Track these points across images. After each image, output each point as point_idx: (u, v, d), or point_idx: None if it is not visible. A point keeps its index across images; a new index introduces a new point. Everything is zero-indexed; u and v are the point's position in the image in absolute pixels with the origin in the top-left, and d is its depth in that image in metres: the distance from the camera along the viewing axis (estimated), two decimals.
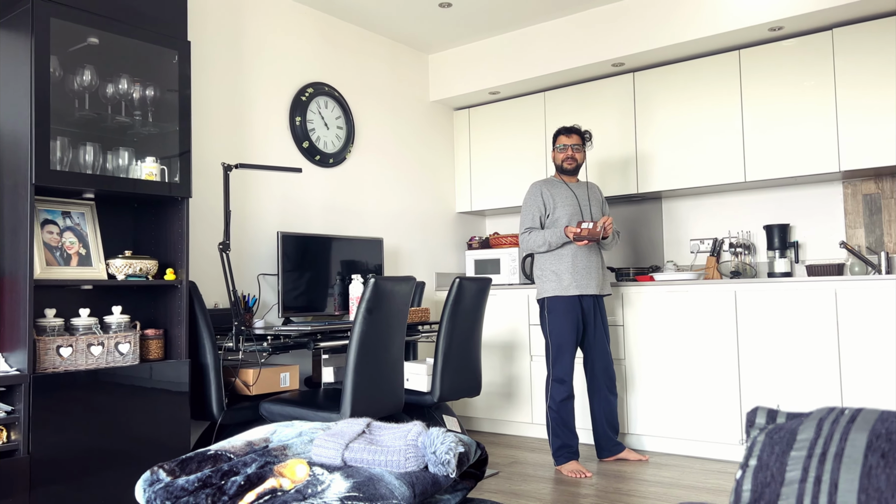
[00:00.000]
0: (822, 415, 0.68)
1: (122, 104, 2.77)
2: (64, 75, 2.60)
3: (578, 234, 3.45)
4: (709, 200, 4.34)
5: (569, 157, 3.65)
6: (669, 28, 3.95)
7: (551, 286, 3.56)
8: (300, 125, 3.94)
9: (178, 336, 2.82)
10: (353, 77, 4.34)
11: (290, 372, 3.24)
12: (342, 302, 3.85)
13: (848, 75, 3.61)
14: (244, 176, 3.67)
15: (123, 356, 2.63)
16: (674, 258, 4.44)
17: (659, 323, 3.87)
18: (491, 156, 4.92)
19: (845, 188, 3.89)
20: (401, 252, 4.61)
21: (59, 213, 2.66)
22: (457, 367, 3.44)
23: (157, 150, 2.86)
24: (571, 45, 4.31)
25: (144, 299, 2.94)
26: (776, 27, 3.71)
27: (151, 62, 2.84)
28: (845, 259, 3.87)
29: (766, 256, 4.09)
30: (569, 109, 4.57)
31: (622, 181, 4.33)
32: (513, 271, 4.61)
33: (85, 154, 2.65)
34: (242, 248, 3.62)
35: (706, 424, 3.70)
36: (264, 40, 3.82)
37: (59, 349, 2.46)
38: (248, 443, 1.61)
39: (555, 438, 3.52)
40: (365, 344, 2.83)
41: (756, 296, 3.58)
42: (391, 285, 2.90)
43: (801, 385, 3.44)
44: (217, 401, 2.88)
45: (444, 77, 4.88)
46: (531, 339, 4.32)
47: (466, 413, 4.61)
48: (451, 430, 1.64)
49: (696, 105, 4.07)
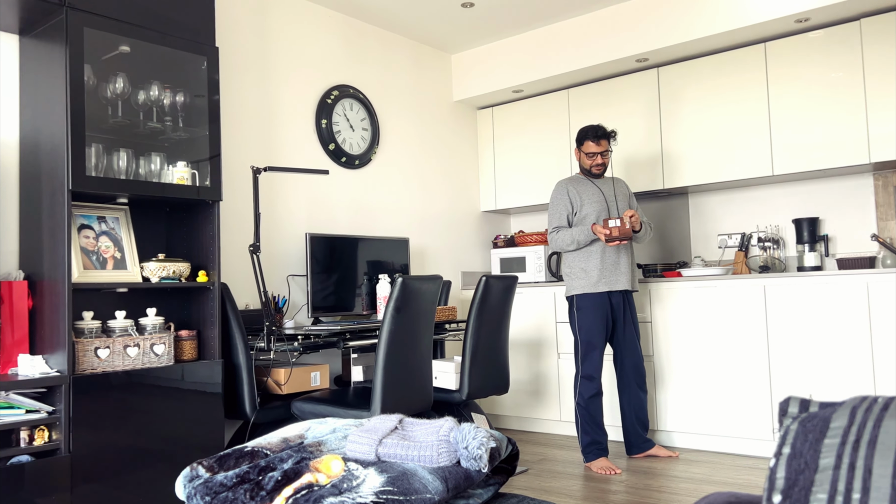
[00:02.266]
0: (856, 403, 0.69)
1: (153, 110, 2.83)
2: (97, 83, 2.67)
3: (609, 236, 3.43)
4: (736, 195, 4.30)
5: (598, 164, 3.64)
6: (693, 22, 3.92)
7: (580, 283, 3.56)
8: (326, 127, 3.98)
9: (212, 337, 2.87)
10: (377, 79, 4.38)
11: (321, 371, 3.28)
12: (370, 301, 3.89)
13: (877, 66, 3.56)
14: (272, 179, 3.72)
15: (158, 357, 2.69)
16: (701, 254, 4.41)
17: (688, 319, 3.85)
18: (515, 154, 4.92)
19: (876, 180, 3.84)
20: (427, 251, 4.64)
21: (95, 218, 2.73)
22: (484, 365, 3.45)
23: (187, 154, 2.92)
24: (594, 42, 4.30)
25: (178, 301, 3.00)
26: (802, 19, 3.67)
27: (181, 68, 2.90)
28: (877, 252, 3.81)
29: (795, 250, 4.04)
30: (593, 106, 4.56)
31: (648, 177, 4.31)
32: (539, 269, 4.62)
33: (118, 160, 2.72)
34: (272, 249, 3.68)
35: (737, 420, 3.67)
36: (290, 45, 3.87)
37: (97, 351, 2.53)
38: (283, 439, 1.64)
39: (584, 435, 3.53)
40: (393, 342, 2.86)
41: (786, 290, 3.55)
42: (418, 284, 2.93)
43: (833, 380, 3.40)
44: (250, 400, 2.93)
45: (467, 76, 4.90)
46: (558, 336, 4.32)
47: (494, 411, 4.63)
48: (482, 427, 1.65)
49: (722, 99, 4.04)
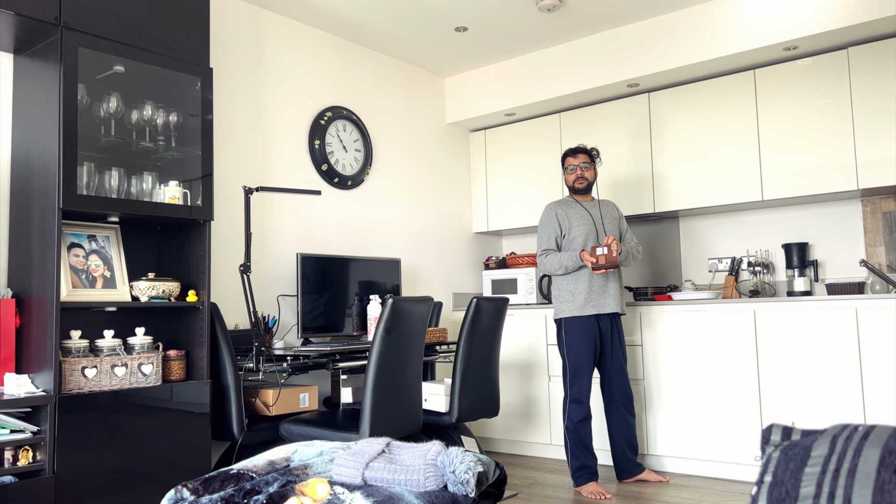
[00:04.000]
0: (836, 431, 0.69)
1: (146, 130, 2.84)
2: (91, 102, 2.68)
3: (596, 264, 3.44)
4: (727, 219, 4.33)
5: (579, 177, 3.67)
6: (684, 48, 3.98)
7: (568, 306, 3.57)
8: (319, 148, 4.00)
9: (200, 357, 2.86)
10: (370, 100, 4.41)
11: (310, 392, 3.26)
12: (360, 322, 3.88)
13: (864, 94, 3.61)
14: (264, 199, 3.72)
15: (146, 377, 2.67)
16: (692, 277, 4.43)
17: (678, 343, 3.86)
18: (507, 176, 4.95)
19: (864, 206, 3.88)
20: (418, 272, 4.64)
21: (85, 237, 2.72)
22: (475, 388, 3.44)
23: (179, 174, 2.92)
24: (586, 67, 4.35)
25: (167, 320, 2.98)
26: (791, 46, 3.73)
27: (175, 88, 2.91)
28: (866, 277, 3.84)
29: (784, 275, 4.06)
30: (584, 130, 4.60)
31: (639, 200, 4.34)
32: (530, 291, 4.62)
33: (110, 179, 2.72)
34: (263, 269, 3.67)
35: (727, 445, 3.66)
36: (284, 66, 3.90)
37: (84, 370, 2.51)
38: (269, 462, 1.63)
39: (573, 459, 3.51)
40: (383, 364, 2.85)
41: (776, 315, 3.56)
42: (409, 305, 2.92)
43: (822, 406, 3.41)
44: (238, 421, 2.91)
45: (460, 99, 4.94)
46: (549, 359, 4.32)
47: (484, 434, 4.60)
48: (469, 451, 1.65)
49: (712, 124, 4.08)
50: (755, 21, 3.74)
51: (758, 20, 3.73)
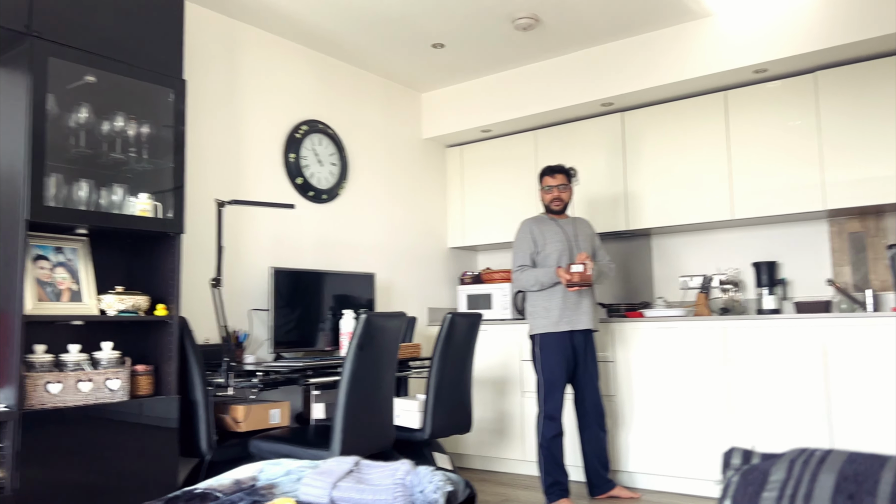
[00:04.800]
0: (794, 456, 0.70)
1: (117, 141, 2.81)
2: (60, 113, 2.64)
3: (570, 281, 3.47)
4: (698, 237, 4.39)
5: (555, 199, 3.69)
6: (657, 69, 4.04)
7: (542, 322, 3.58)
8: (294, 162, 3.98)
9: (169, 372, 2.81)
10: (346, 115, 4.41)
11: (281, 408, 3.23)
12: (333, 337, 3.86)
13: (831, 116, 3.69)
14: (238, 212, 3.70)
15: (113, 392, 2.63)
16: (664, 294, 4.47)
17: (650, 359, 3.88)
18: (483, 192, 4.97)
19: (831, 226, 3.95)
20: (393, 287, 4.63)
21: (52, 249, 2.68)
22: (448, 404, 3.43)
23: (151, 186, 2.89)
24: (561, 85, 4.40)
25: (135, 335, 2.94)
26: (761, 69, 3.80)
27: (147, 100, 2.88)
28: (833, 296, 3.90)
29: (754, 293, 4.12)
30: (559, 147, 4.64)
31: (612, 218, 4.38)
32: (504, 306, 4.63)
33: (79, 190, 2.68)
34: (235, 283, 3.64)
35: (697, 462, 3.69)
36: (259, 78, 3.88)
37: (47, 385, 2.46)
38: (235, 481, 1.61)
39: (546, 476, 3.51)
40: (356, 380, 2.83)
41: (745, 333, 3.61)
42: (383, 321, 2.91)
43: (790, 422, 3.45)
44: (206, 438, 2.87)
45: (436, 115, 4.96)
46: (523, 374, 4.32)
47: (458, 450, 4.59)
48: (442, 468, 1.64)
49: (685, 144, 4.14)
50: (726, 44, 3.81)
51: (729, 43, 3.81)
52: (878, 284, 3.79)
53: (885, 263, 3.77)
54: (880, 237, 3.80)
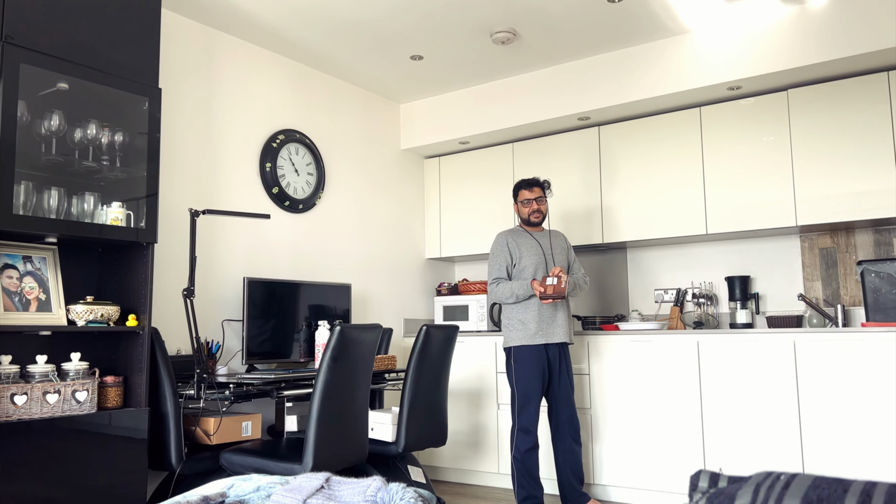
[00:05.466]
0: (760, 480, 0.71)
1: (89, 149, 2.77)
2: (31, 119, 2.60)
3: (544, 294, 3.48)
4: (673, 251, 4.43)
5: (535, 211, 3.71)
6: (633, 85, 4.08)
7: (518, 335, 3.58)
8: (270, 171, 3.96)
9: (138, 384, 2.77)
10: (324, 124, 4.39)
11: (253, 421, 3.19)
12: (308, 348, 3.82)
13: (803, 134, 3.76)
14: (212, 222, 3.66)
15: (80, 404, 2.58)
16: (639, 307, 4.50)
17: (624, 372, 3.90)
18: (460, 203, 4.98)
19: (802, 242, 4.01)
20: (369, 298, 4.61)
21: (20, 258, 2.63)
22: (422, 417, 3.42)
23: (123, 194, 2.85)
24: (538, 99, 4.42)
25: (105, 346, 2.89)
26: (735, 87, 3.86)
27: (121, 108, 2.85)
28: (804, 311, 3.96)
29: (727, 307, 4.16)
30: (536, 160, 4.66)
31: (588, 231, 4.41)
32: (481, 318, 4.63)
33: (49, 198, 2.64)
34: (208, 293, 3.59)
35: (670, 475, 3.70)
36: (236, 87, 3.86)
37: (13, 397, 2.40)
38: (203, 497, 1.58)
39: (520, 489, 3.50)
40: (329, 393, 2.81)
41: (718, 346, 3.64)
42: (357, 333, 2.90)
43: (762, 435, 3.48)
44: (176, 450, 2.82)
45: (415, 126, 4.96)
46: (498, 386, 4.32)
47: (432, 463, 4.56)
48: (416, 482, 1.63)
49: (660, 158, 4.19)
50: (701, 61, 3.87)
51: (703, 60, 3.86)
52: (848, 300, 3.85)
53: (856, 279, 3.84)
54: (850, 253, 3.87)
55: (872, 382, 3.24)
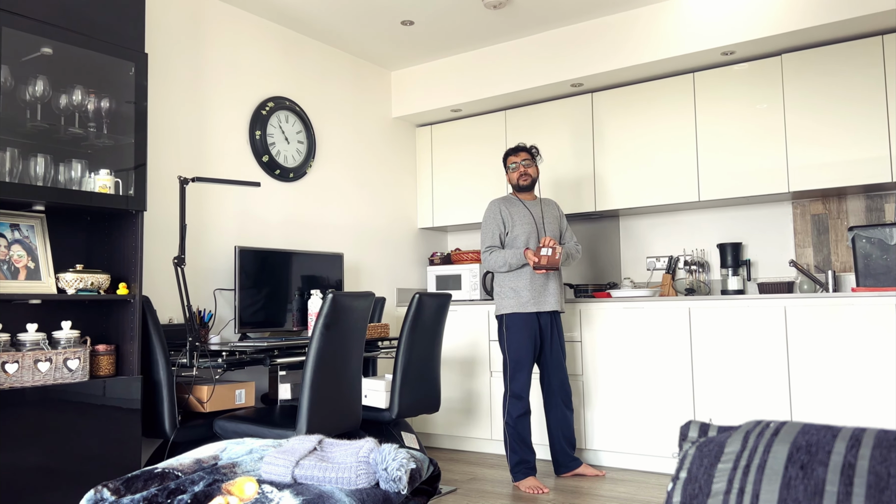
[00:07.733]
0: (749, 428, 0.71)
1: (75, 115, 2.73)
2: (15, 85, 2.56)
3: (538, 264, 3.48)
4: (665, 218, 4.43)
5: (523, 174, 3.69)
6: (626, 50, 4.04)
7: (510, 303, 3.59)
8: (260, 139, 3.92)
9: (131, 352, 2.76)
10: (314, 92, 4.34)
11: (246, 388, 3.20)
12: (301, 317, 3.82)
13: (796, 100, 3.74)
14: (202, 190, 3.63)
15: (72, 372, 2.57)
16: (631, 275, 4.51)
17: (616, 339, 3.92)
18: (453, 172, 4.95)
19: (794, 208, 4.01)
20: (362, 267, 4.60)
21: (7, 226, 2.60)
22: (416, 384, 3.43)
23: (111, 162, 2.82)
24: (531, 65, 4.38)
25: (96, 314, 2.88)
26: (728, 52, 3.82)
27: (107, 73, 2.80)
28: (795, 277, 3.97)
29: (719, 274, 4.18)
30: (529, 128, 4.63)
31: (580, 199, 4.39)
32: (474, 287, 4.63)
33: (36, 166, 2.60)
34: (199, 262, 3.58)
35: (662, 440, 3.74)
36: (225, 54, 3.80)
37: (4, 365, 2.40)
38: (196, 460, 1.59)
39: (512, 454, 3.54)
40: (322, 360, 2.81)
41: (710, 313, 3.66)
42: (349, 301, 2.89)
43: (752, 399, 3.52)
44: (170, 418, 2.83)
45: (406, 94, 4.91)
46: (491, 354, 4.34)
47: (425, 430, 4.60)
48: (409, 447, 1.63)
49: (653, 126, 4.16)
50: (694, 25, 3.83)
51: (697, 24, 3.82)
52: (839, 266, 3.86)
53: (847, 245, 3.85)
54: (842, 219, 3.87)
55: (862, 347, 3.27)
